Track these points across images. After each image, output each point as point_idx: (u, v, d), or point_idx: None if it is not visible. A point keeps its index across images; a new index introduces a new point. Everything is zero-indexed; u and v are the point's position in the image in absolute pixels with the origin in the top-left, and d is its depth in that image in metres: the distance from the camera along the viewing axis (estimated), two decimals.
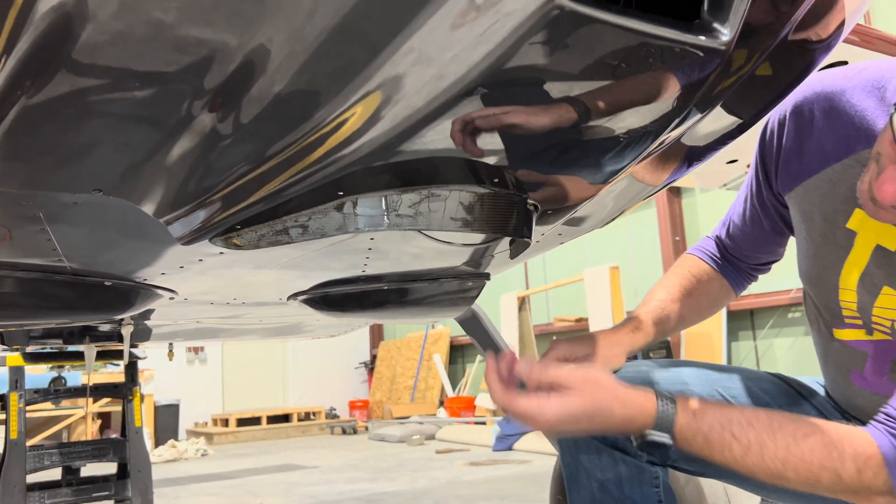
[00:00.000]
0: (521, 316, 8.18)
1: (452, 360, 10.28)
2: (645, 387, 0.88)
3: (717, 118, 0.87)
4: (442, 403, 9.10)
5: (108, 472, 4.28)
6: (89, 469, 4.25)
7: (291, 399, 10.94)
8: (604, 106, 0.64)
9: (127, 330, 1.79)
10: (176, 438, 8.25)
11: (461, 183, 0.76)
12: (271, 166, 0.74)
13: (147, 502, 4.20)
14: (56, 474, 4.12)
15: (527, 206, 0.82)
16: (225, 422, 9.40)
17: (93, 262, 1.16)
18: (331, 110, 0.67)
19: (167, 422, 8.54)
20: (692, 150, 1.03)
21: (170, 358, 2.96)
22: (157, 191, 0.80)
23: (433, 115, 0.65)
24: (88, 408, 7.64)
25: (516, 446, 5.97)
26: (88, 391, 3.78)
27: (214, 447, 8.19)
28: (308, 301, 1.63)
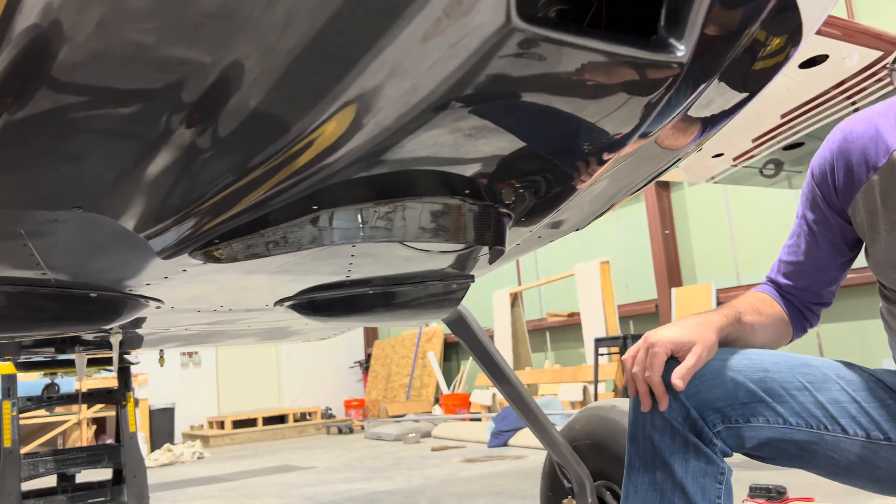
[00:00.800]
0: (514, 312, 8.21)
1: (447, 358, 10.31)
2: None
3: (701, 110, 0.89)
4: (437, 401, 9.13)
5: (104, 478, 4.30)
6: (84, 475, 4.26)
7: (287, 400, 10.95)
8: (565, 122, 0.66)
9: (116, 339, 1.80)
10: (172, 442, 8.24)
11: (432, 195, 0.77)
12: (247, 181, 0.75)
13: None
14: (52, 481, 4.13)
15: (499, 216, 0.84)
16: (221, 424, 9.40)
17: (77, 275, 1.17)
18: (304, 125, 0.69)
19: (163, 425, 8.54)
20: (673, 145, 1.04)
21: (161, 364, 2.97)
22: (137, 206, 0.81)
23: (404, 131, 0.67)
24: (83, 414, 7.63)
25: (511, 442, 6.01)
26: (80, 398, 3.78)
27: (211, 450, 8.19)
28: (294, 307, 1.64)
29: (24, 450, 6.43)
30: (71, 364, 3.67)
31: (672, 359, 1.06)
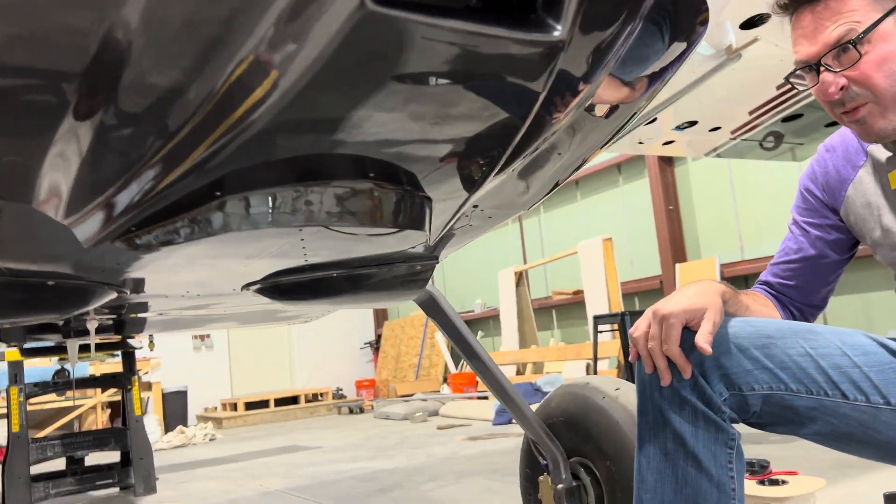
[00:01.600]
0: (519, 291, 8.21)
1: None
2: None
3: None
4: (445, 380, 9.19)
5: (112, 461, 4.40)
6: (94, 458, 4.36)
7: (299, 381, 11.08)
8: (444, 106, 0.66)
9: (92, 324, 1.83)
10: (185, 424, 8.39)
11: (341, 178, 0.78)
12: (150, 165, 0.76)
13: (150, 488, 4.31)
14: (61, 464, 4.23)
15: (417, 200, 0.84)
16: (234, 406, 9.54)
17: (28, 263, 1.19)
18: (197, 101, 0.67)
19: (176, 408, 8.68)
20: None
21: (150, 348, 3.01)
22: (52, 195, 0.82)
23: (286, 114, 0.67)
24: (97, 398, 7.77)
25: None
26: (74, 385, 3.85)
27: (224, 431, 8.33)
28: (261, 291, 1.66)
29: (40, 434, 6.60)
30: (81, 350, 3.71)
31: (684, 328, 1.07)
